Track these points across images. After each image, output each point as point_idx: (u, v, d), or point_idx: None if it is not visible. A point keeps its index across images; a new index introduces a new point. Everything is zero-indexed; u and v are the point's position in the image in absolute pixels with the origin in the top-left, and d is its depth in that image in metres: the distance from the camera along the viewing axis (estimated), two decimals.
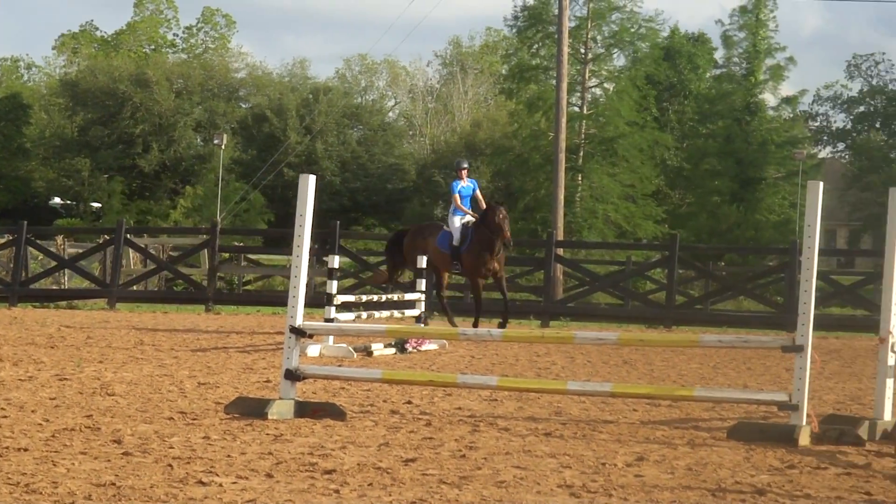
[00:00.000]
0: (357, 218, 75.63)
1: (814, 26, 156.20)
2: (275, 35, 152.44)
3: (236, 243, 40.59)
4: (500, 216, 22.14)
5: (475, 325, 22.85)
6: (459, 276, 24.50)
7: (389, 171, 79.07)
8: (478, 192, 23.15)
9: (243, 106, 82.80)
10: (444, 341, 20.10)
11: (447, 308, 23.83)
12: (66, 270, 34.73)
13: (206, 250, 32.78)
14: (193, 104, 78.53)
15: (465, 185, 22.91)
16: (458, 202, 22.79)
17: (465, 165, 23.44)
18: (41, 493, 7.27)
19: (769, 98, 68.06)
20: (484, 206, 22.89)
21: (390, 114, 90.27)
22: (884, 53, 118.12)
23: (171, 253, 37.12)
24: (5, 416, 10.48)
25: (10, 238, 32.53)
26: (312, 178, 11.47)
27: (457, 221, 22.75)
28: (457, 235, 22.64)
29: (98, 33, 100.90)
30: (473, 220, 22.75)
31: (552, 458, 9.20)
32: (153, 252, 35.84)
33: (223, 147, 61.93)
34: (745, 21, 66.06)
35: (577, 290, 33.47)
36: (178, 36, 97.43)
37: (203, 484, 7.78)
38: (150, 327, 23.31)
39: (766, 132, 65.42)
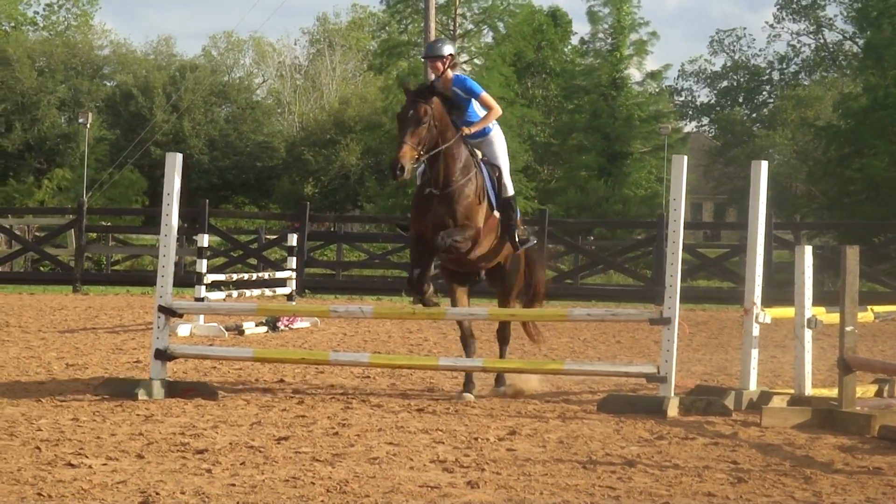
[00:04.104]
0: (227, 196, 74.96)
1: (676, 1, 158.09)
2: (137, 11, 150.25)
3: (104, 223, 40.03)
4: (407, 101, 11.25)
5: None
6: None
7: (258, 149, 78.48)
8: (478, 99, 11.55)
9: (108, 84, 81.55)
10: (316, 319, 20.07)
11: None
12: None
13: (73, 230, 32.31)
14: (57, 82, 77.17)
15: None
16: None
17: (443, 52, 11.48)
18: None
19: (634, 73, 68.64)
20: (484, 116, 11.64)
21: (258, 91, 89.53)
22: (745, 28, 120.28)
23: (36, 234, 36.44)
24: None
25: None
26: (179, 157, 11.39)
27: None
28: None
29: None
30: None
31: (425, 433, 9.24)
32: (18, 233, 35.14)
33: (88, 126, 61.00)
34: None
35: None
36: (38, 14, 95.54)
37: (72, 466, 7.69)
38: (17, 309, 22.90)
39: (631, 107, 65.89)
